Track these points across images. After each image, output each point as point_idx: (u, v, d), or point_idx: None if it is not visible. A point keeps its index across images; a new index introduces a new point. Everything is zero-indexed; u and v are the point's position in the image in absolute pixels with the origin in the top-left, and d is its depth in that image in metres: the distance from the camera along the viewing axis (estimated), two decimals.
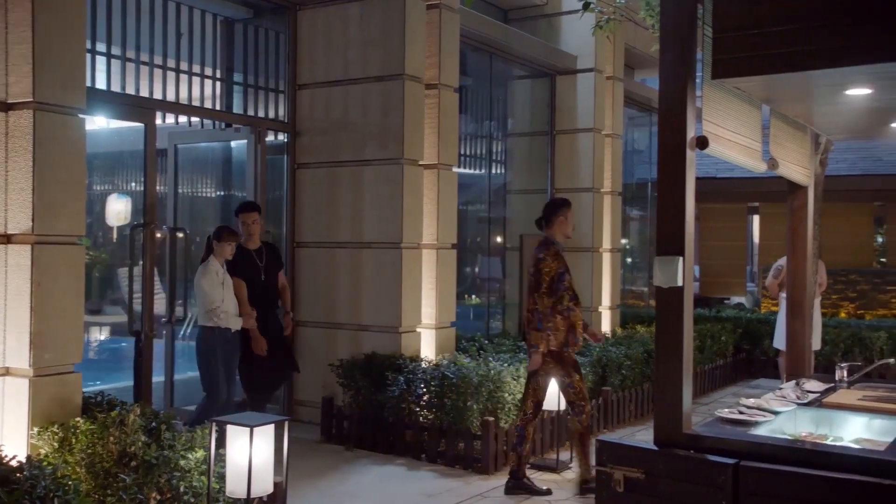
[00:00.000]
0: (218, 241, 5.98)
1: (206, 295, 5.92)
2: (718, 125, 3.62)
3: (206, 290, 5.92)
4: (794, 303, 5.11)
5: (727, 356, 10.45)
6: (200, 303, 5.97)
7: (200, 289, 5.95)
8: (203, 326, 5.97)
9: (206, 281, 5.94)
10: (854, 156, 15.21)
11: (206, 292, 5.92)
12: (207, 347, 5.93)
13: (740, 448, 3.18)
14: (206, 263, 6.00)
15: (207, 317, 5.93)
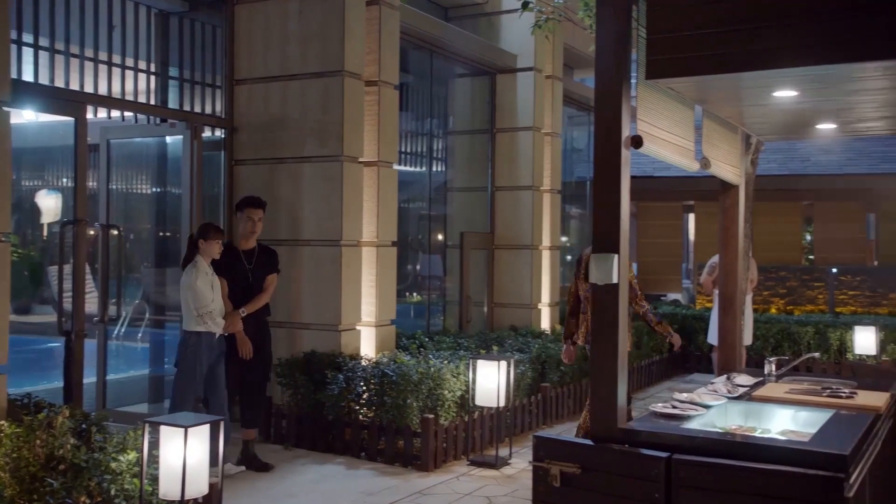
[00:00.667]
0: (205, 240, 5.67)
1: (200, 298, 5.59)
2: (653, 125, 3.69)
3: (200, 292, 5.60)
4: (726, 299, 5.24)
5: (663, 352, 10.64)
6: (191, 306, 5.59)
7: (193, 291, 5.59)
8: (190, 332, 5.63)
9: (200, 283, 5.61)
10: (784, 156, 15.67)
11: (200, 295, 5.59)
12: (194, 355, 5.60)
13: (673, 442, 3.25)
14: (194, 264, 5.66)
15: (198, 321, 5.60)
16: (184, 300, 5.64)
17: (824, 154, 15.91)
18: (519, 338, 8.53)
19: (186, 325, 5.66)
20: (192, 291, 5.61)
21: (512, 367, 6.29)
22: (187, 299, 5.61)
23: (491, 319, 9.89)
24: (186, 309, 5.64)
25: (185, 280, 5.66)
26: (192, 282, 5.63)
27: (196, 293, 5.61)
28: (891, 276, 15.27)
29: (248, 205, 6.19)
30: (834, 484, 2.87)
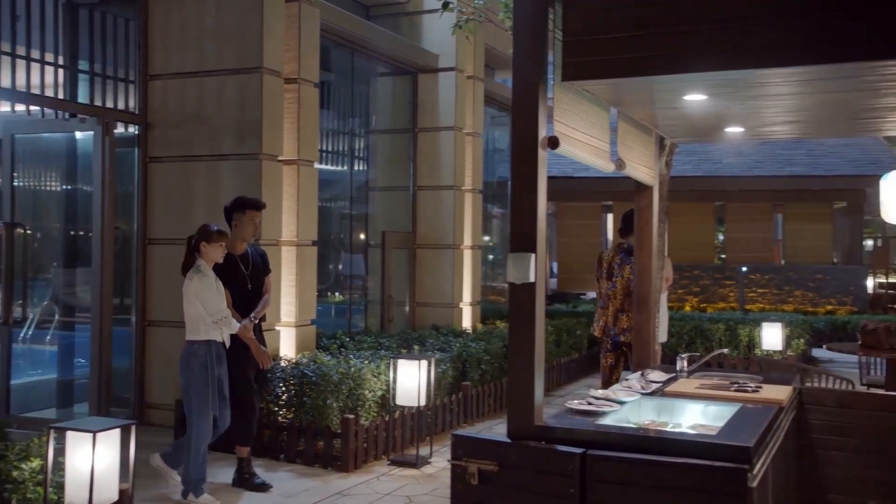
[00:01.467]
0: (208, 243, 5.30)
1: (212, 304, 5.25)
2: (569, 126, 3.75)
3: (209, 299, 5.25)
4: (640, 297, 5.36)
5: (582, 349, 10.84)
6: (198, 314, 5.22)
7: (203, 298, 5.22)
8: (199, 342, 5.24)
9: (207, 289, 5.27)
10: (697, 158, 16.16)
11: (212, 301, 5.25)
12: (204, 366, 5.23)
13: (587, 437, 3.30)
14: (198, 269, 5.27)
15: (207, 330, 5.25)
16: (191, 308, 5.24)
17: (735, 156, 16.48)
18: (441, 337, 8.56)
19: (194, 334, 5.26)
20: (203, 298, 5.24)
21: (433, 366, 6.30)
22: (196, 307, 5.23)
23: (413, 319, 9.90)
24: (196, 317, 5.23)
25: (193, 286, 5.25)
26: (200, 288, 5.25)
27: (207, 300, 5.25)
28: (797, 275, 15.94)
29: (250, 207, 5.79)
30: (739, 475, 2.97)
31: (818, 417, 4.51)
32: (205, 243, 5.32)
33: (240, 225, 5.76)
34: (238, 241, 5.74)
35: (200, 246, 5.33)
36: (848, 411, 4.44)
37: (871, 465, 4.36)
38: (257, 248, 6.06)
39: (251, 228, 5.81)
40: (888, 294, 17.73)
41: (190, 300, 5.25)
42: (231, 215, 5.80)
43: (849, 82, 3.63)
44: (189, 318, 5.28)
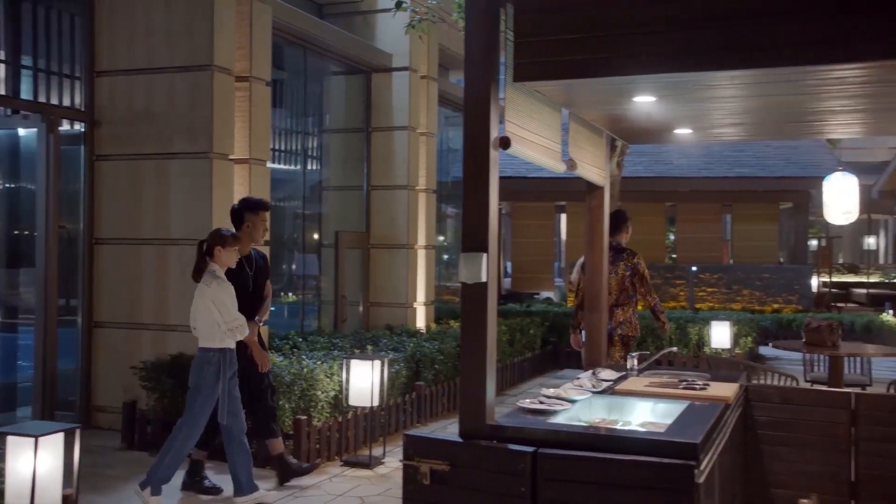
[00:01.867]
0: (223, 248, 5.17)
1: (230, 310, 5.14)
2: (521, 126, 3.77)
3: (228, 305, 5.13)
4: (592, 296, 5.41)
5: (535, 349, 10.91)
6: (219, 320, 5.10)
7: (221, 304, 5.10)
8: (214, 349, 5.13)
9: (227, 296, 5.15)
10: (649, 159, 16.40)
11: (230, 307, 5.15)
12: (216, 374, 5.13)
13: (538, 436, 3.33)
14: (213, 274, 5.14)
15: (222, 337, 5.13)
16: (207, 314, 5.11)
17: (685, 158, 16.75)
18: (394, 337, 8.55)
19: (209, 342, 5.14)
20: (222, 304, 5.12)
21: (386, 366, 6.29)
22: (213, 313, 5.10)
23: (366, 319, 9.87)
24: (211, 324, 5.11)
25: (211, 292, 5.10)
26: (219, 294, 5.12)
27: (226, 306, 5.13)
28: (745, 274, 16.26)
29: (262, 208, 5.70)
30: (686, 471, 3.02)
31: (763, 413, 4.60)
32: (220, 248, 5.19)
33: (253, 226, 5.64)
34: (247, 242, 5.63)
35: (215, 251, 5.18)
36: (791, 407, 4.55)
37: (813, 459, 4.47)
38: (258, 251, 5.94)
39: (262, 230, 5.73)
40: (831, 293, 18.20)
41: (207, 306, 5.12)
42: (243, 216, 5.65)
43: (791, 86, 3.72)
44: (205, 325, 5.15)
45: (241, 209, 5.69)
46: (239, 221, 5.65)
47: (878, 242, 31.13)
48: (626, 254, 6.63)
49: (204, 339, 5.17)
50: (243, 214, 5.65)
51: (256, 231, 5.67)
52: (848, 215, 7.38)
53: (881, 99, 3.98)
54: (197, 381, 5.16)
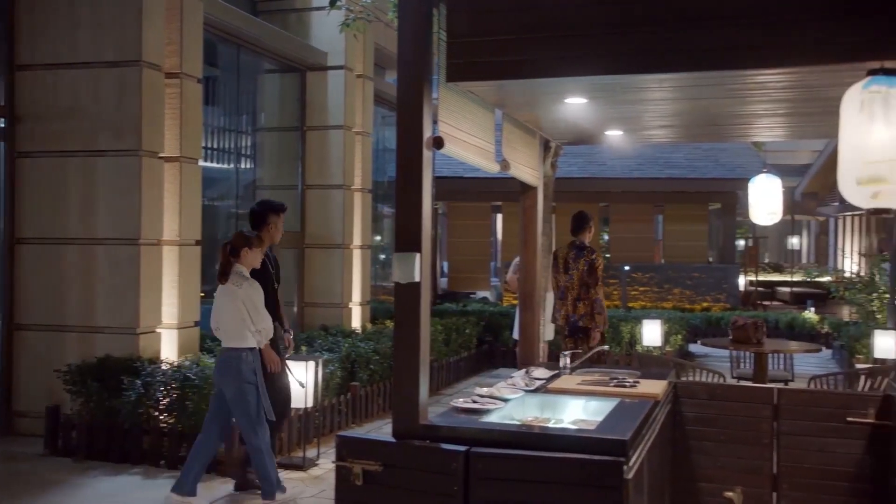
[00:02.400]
0: (251, 249, 5.28)
1: (261, 311, 5.24)
2: (454, 126, 3.78)
3: (259, 308, 5.24)
4: (525, 296, 5.46)
5: (471, 348, 10.96)
6: (248, 321, 5.18)
7: (252, 306, 5.20)
8: (246, 349, 5.19)
9: (259, 298, 5.24)
10: (583, 160, 16.64)
11: (262, 309, 5.25)
12: (253, 371, 5.21)
13: (471, 435, 3.34)
14: (243, 275, 5.23)
15: (253, 338, 5.22)
16: (237, 315, 5.16)
17: (618, 159, 17.04)
18: (329, 337, 8.48)
19: (240, 341, 5.19)
20: (253, 305, 5.20)
21: (320, 367, 6.23)
22: (243, 314, 5.17)
23: (301, 319, 9.77)
24: (242, 325, 5.17)
25: (243, 293, 5.18)
26: (252, 295, 5.21)
27: (257, 307, 5.22)
28: (675, 273, 16.64)
29: (283, 210, 5.80)
30: (615, 467, 3.07)
31: (691, 409, 4.71)
32: (247, 249, 5.27)
33: (275, 227, 5.71)
34: (267, 243, 5.67)
35: (242, 252, 5.26)
36: (718, 403, 4.66)
37: (738, 453, 4.59)
38: (271, 251, 5.93)
39: (279, 233, 5.83)
40: (758, 291, 18.75)
41: (237, 307, 5.17)
42: (266, 218, 5.68)
43: (717, 90, 3.81)
44: (234, 326, 5.18)
45: (265, 211, 5.72)
46: (262, 223, 5.67)
47: (802, 242, 32.22)
48: (587, 251, 7.19)
49: (234, 340, 5.20)
50: (267, 216, 5.69)
51: (278, 232, 5.78)
52: (772, 216, 7.58)
53: (802, 104, 4.11)
54: (236, 385, 5.16)
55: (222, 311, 5.22)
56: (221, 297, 5.23)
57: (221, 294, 5.23)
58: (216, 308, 5.27)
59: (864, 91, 2.91)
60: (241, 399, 5.17)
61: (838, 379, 6.39)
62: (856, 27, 3.03)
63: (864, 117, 2.90)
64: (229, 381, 5.18)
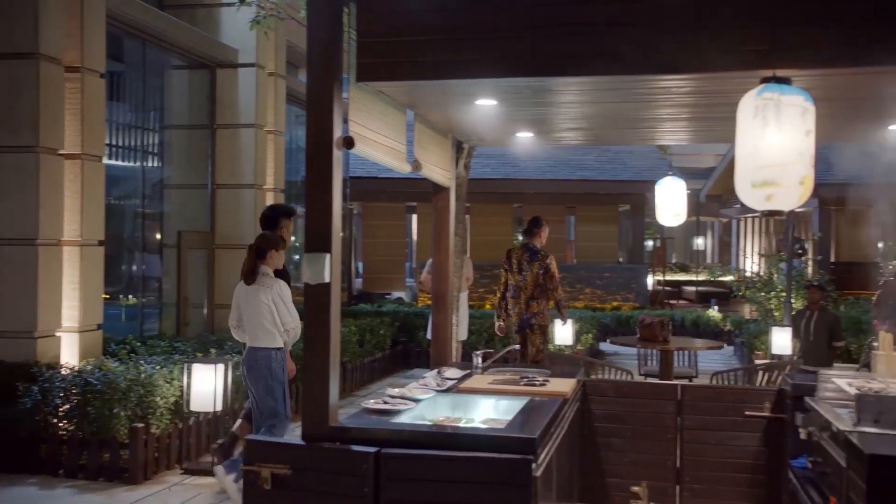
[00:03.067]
0: (277, 251, 5.41)
1: (289, 313, 5.34)
2: (365, 126, 3.76)
3: (289, 308, 5.34)
4: (438, 296, 5.48)
5: (386, 348, 10.93)
6: (277, 321, 5.29)
7: (281, 307, 5.30)
8: (275, 348, 5.30)
9: (288, 298, 5.36)
10: (497, 161, 16.80)
11: (290, 310, 5.35)
12: (282, 369, 5.33)
13: (381, 436, 3.33)
14: (269, 275, 5.34)
15: (282, 337, 5.34)
16: (269, 315, 5.27)
17: (532, 161, 17.27)
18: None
19: (270, 341, 5.29)
20: (284, 305, 5.31)
21: (230, 369, 6.11)
22: (273, 314, 5.28)
23: (212, 321, 9.55)
24: (272, 324, 5.28)
25: (274, 294, 5.29)
26: (282, 296, 5.32)
27: (289, 307, 5.34)
28: (587, 273, 16.98)
29: (293, 214, 5.93)
30: (524, 465, 3.11)
31: (599, 407, 4.82)
32: (274, 251, 5.39)
33: (286, 230, 5.79)
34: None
35: (269, 254, 5.36)
36: (625, 400, 4.79)
37: (644, 449, 4.72)
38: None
39: (291, 233, 5.97)
40: (665, 290, 19.32)
41: (269, 308, 5.27)
42: (279, 221, 5.72)
43: (622, 94, 3.92)
44: (266, 325, 5.28)
45: (277, 215, 5.77)
46: (274, 226, 5.71)
47: (706, 243, 33.39)
48: (541, 255, 7.52)
49: (263, 340, 5.29)
50: (279, 220, 5.74)
51: (288, 235, 5.89)
52: (677, 217, 7.83)
53: (703, 109, 4.27)
54: (267, 381, 5.25)
55: (250, 312, 5.30)
56: (248, 297, 5.31)
57: (248, 294, 5.31)
58: (240, 308, 5.36)
59: (757, 98, 3.03)
60: (269, 396, 5.25)
61: (738, 374, 6.64)
62: (750, 37, 3.16)
63: (757, 123, 3.02)
64: (259, 379, 5.26)
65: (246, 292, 5.31)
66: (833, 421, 3.35)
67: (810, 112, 3.04)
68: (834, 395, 3.73)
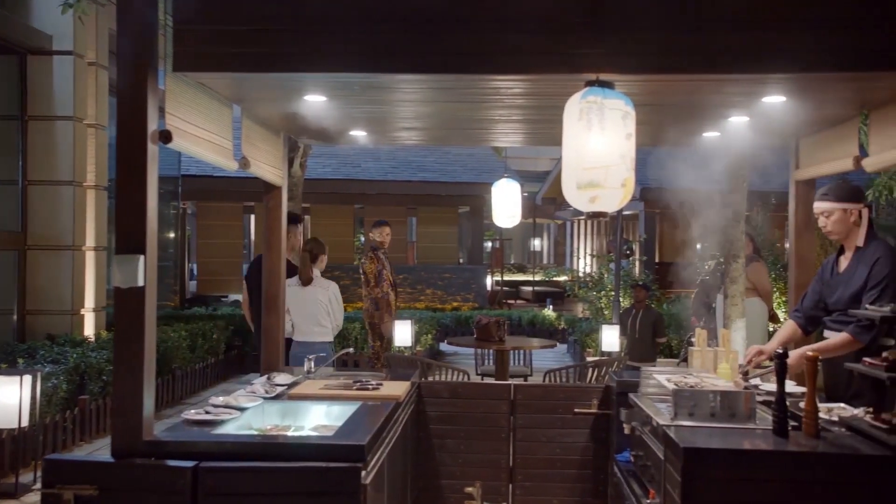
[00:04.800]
0: (324, 255, 6.00)
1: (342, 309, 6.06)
2: (185, 120, 3.53)
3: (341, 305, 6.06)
4: (269, 298, 5.25)
5: (220, 353, 10.51)
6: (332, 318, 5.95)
7: (339, 304, 6.02)
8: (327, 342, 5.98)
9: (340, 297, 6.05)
10: (337, 161, 16.62)
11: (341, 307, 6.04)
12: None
13: (201, 449, 3.12)
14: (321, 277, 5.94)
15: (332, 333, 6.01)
16: (325, 312, 5.88)
17: (373, 161, 17.22)
18: (55, 348, 7.69)
19: (324, 336, 5.92)
20: (339, 303, 5.99)
21: (38, 381, 5.62)
22: (328, 312, 5.89)
23: (22, 329, 8.80)
24: (327, 321, 5.91)
25: (331, 293, 5.94)
26: (338, 294, 6.01)
27: (341, 306, 6.01)
28: (428, 274, 17.11)
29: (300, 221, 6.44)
30: (352, 473, 3.01)
31: (434, 408, 4.80)
32: (323, 255, 6.00)
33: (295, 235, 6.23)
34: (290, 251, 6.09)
35: (321, 258, 5.95)
36: (459, 401, 4.79)
37: (478, 449, 4.74)
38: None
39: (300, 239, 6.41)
40: (503, 290, 19.80)
41: (324, 306, 5.93)
42: (288, 229, 5.69)
43: (455, 93, 3.89)
44: (322, 322, 5.89)
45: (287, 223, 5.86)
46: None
47: (542, 244, 34.59)
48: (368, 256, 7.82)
49: (320, 335, 5.89)
50: (288, 227, 5.77)
51: (297, 240, 6.35)
52: (512, 218, 8.00)
53: (534, 111, 4.32)
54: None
55: (305, 310, 5.87)
56: (304, 296, 5.87)
57: (304, 294, 5.89)
58: (295, 307, 5.84)
59: (582, 101, 3.08)
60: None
61: (570, 372, 6.84)
62: (574, 41, 3.21)
63: (582, 126, 3.07)
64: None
65: (301, 292, 5.89)
66: (653, 415, 3.47)
67: (631, 116, 3.12)
68: (654, 391, 3.87)
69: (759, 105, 3.88)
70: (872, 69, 3.26)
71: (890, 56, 3.23)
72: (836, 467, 2.93)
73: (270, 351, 5.24)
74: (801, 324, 4.18)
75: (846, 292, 3.85)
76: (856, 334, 3.69)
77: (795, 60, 3.23)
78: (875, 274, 3.71)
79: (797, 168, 4.98)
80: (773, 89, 3.62)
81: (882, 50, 3.22)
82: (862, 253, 3.86)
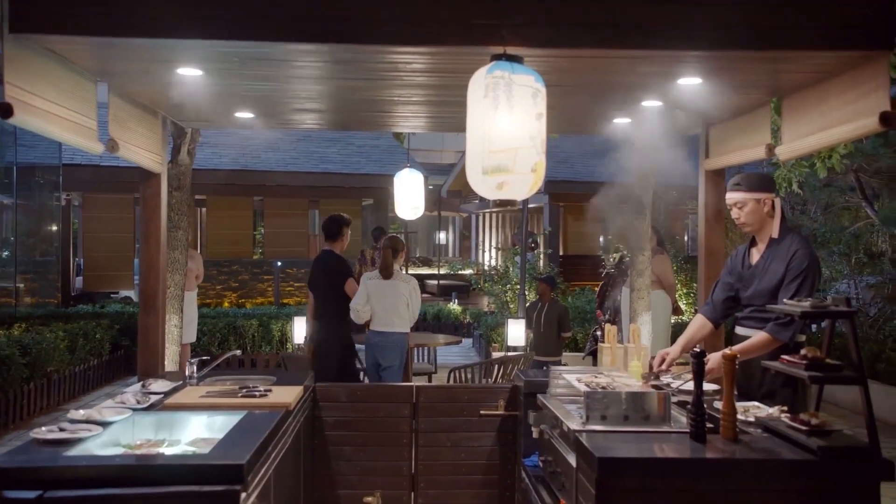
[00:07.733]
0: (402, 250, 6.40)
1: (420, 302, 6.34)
2: (32, 93, 3.04)
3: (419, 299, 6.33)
4: (147, 297, 4.77)
5: (103, 354, 9.80)
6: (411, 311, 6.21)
7: (418, 297, 6.28)
8: (406, 333, 6.24)
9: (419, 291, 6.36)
10: (235, 151, 15.90)
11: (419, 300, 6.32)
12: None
13: (49, 476, 2.67)
14: (400, 272, 6.30)
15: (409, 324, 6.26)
16: (405, 305, 6.16)
17: (273, 152, 16.58)
18: None
19: (403, 326, 6.18)
20: (418, 296, 6.28)
21: None
22: (407, 304, 6.17)
23: None
24: (406, 312, 6.18)
25: (411, 287, 6.23)
26: (417, 287, 6.28)
27: (420, 298, 6.33)
28: None
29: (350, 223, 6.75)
30: (229, 497, 2.63)
31: (331, 414, 4.44)
32: (402, 252, 6.37)
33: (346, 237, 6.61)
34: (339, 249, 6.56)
35: (400, 254, 6.33)
36: (358, 405, 4.44)
37: (378, 456, 4.41)
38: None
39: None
40: None
41: (405, 298, 6.18)
42: (342, 230, 6.52)
43: (348, 68, 3.52)
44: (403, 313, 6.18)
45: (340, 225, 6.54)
46: (338, 234, 6.49)
47: (448, 237, 34.43)
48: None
49: (400, 325, 6.16)
50: (342, 229, 6.53)
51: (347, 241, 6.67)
52: (416, 210, 7.68)
53: (436, 91, 4.00)
54: (402, 358, 6.21)
55: (387, 301, 6.12)
56: (385, 289, 6.14)
57: (385, 287, 6.14)
58: (370, 298, 6.12)
59: (488, 76, 2.77)
60: (400, 370, 6.19)
61: (475, 370, 6.57)
62: (481, 11, 2.90)
63: (488, 103, 2.76)
64: (397, 357, 6.18)
65: (383, 285, 6.12)
66: (563, 418, 3.22)
67: (541, 94, 2.83)
68: (564, 391, 3.63)
69: (672, 88, 3.67)
70: (789, 47, 3.08)
71: (807, 34, 3.06)
72: (757, 473, 2.73)
73: (148, 354, 4.76)
74: (712, 317, 4.00)
75: (761, 286, 3.68)
76: (775, 333, 3.53)
77: (711, 37, 3.01)
78: (793, 268, 3.55)
79: (707, 157, 4.83)
80: (687, 69, 3.42)
81: (799, 27, 3.04)
82: (777, 245, 3.70)
